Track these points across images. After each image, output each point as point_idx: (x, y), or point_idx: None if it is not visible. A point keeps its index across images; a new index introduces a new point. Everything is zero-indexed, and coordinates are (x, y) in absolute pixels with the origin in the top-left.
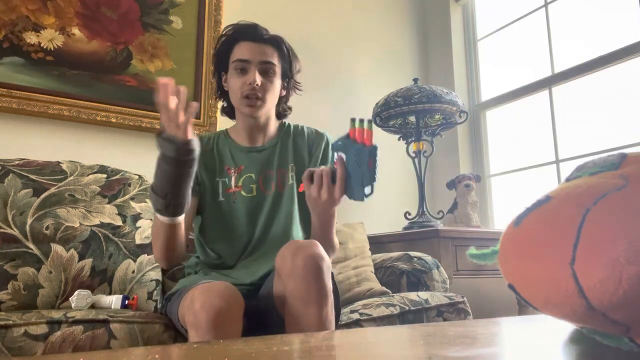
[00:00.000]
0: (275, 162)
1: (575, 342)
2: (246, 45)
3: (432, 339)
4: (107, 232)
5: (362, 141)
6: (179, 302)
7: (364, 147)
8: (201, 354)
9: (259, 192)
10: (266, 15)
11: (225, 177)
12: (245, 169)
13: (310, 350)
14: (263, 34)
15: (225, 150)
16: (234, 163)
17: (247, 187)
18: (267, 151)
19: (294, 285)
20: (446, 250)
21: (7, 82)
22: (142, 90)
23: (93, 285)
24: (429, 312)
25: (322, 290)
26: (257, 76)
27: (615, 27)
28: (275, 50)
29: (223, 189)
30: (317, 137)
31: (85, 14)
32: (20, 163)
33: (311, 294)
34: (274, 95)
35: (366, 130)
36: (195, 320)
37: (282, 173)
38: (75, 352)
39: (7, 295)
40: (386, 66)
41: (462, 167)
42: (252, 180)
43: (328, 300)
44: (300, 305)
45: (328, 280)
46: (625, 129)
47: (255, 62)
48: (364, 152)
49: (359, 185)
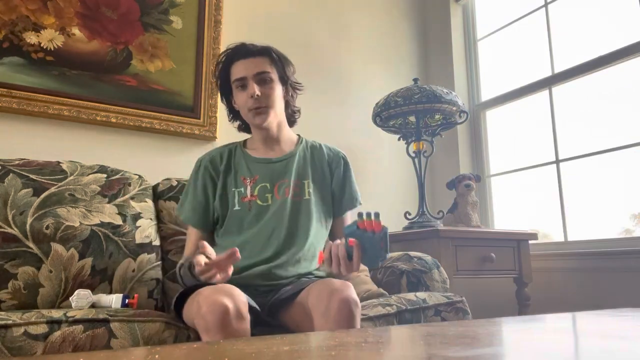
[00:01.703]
0: (291, 172)
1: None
2: (240, 63)
3: (432, 339)
4: (107, 232)
5: (371, 229)
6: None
7: (375, 234)
8: (201, 354)
9: (274, 201)
10: (266, 15)
11: (240, 187)
12: (260, 178)
13: (310, 350)
14: (252, 49)
15: (241, 161)
16: (250, 173)
17: (263, 197)
18: (282, 162)
19: (324, 325)
20: (446, 250)
21: (7, 82)
22: (142, 90)
23: (93, 284)
24: (426, 311)
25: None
26: (255, 88)
27: (615, 27)
28: (267, 59)
29: (239, 198)
30: (336, 157)
31: (85, 14)
32: (20, 163)
33: None
34: (278, 99)
35: (374, 222)
36: (205, 324)
37: (297, 184)
38: (75, 352)
39: (8, 294)
40: (386, 66)
41: (462, 167)
42: (267, 189)
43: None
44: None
45: (358, 324)
46: (625, 129)
47: (251, 75)
48: (376, 238)
49: (373, 261)
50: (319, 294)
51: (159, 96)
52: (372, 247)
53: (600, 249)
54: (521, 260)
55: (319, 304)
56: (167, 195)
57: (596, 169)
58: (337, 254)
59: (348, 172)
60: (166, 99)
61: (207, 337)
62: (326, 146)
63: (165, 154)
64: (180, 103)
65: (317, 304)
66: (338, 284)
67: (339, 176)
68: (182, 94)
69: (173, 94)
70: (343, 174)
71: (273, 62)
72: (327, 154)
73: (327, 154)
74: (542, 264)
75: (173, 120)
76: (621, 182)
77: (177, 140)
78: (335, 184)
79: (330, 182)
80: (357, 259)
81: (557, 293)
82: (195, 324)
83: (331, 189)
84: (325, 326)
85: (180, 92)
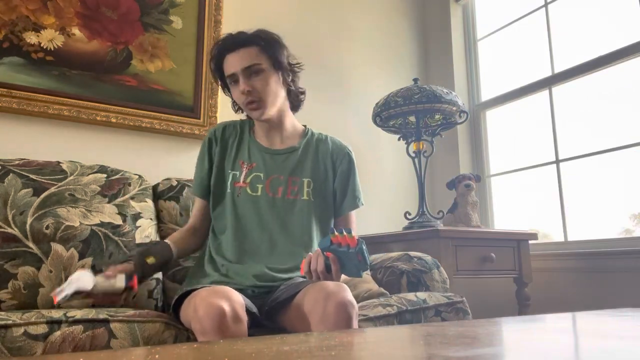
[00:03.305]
0: (288, 168)
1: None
2: (229, 58)
3: (432, 339)
4: (107, 231)
5: (346, 244)
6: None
7: (350, 249)
8: (201, 354)
9: (263, 193)
10: (266, 15)
11: (237, 170)
12: (257, 167)
13: (310, 350)
14: (240, 39)
15: (245, 144)
16: (249, 159)
17: (253, 186)
18: (283, 156)
19: (323, 330)
20: (446, 250)
21: (7, 82)
22: (142, 90)
23: None
24: (427, 311)
25: None
26: (244, 84)
27: (615, 27)
28: (257, 48)
29: (232, 181)
30: (341, 151)
31: (85, 14)
32: (20, 163)
33: None
34: (272, 90)
35: (347, 237)
36: (202, 328)
37: (293, 181)
38: (75, 352)
39: (8, 294)
40: (386, 66)
41: (462, 167)
42: (259, 180)
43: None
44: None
45: (356, 325)
46: (625, 129)
47: (239, 71)
48: (352, 253)
49: (353, 272)
50: (315, 299)
51: (159, 96)
52: (349, 261)
53: (600, 249)
54: (521, 260)
55: (315, 309)
56: (167, 195)
57: (596, 169)
58: (316, 268)
59: (352, 170)
60: (166, 99)
61: (204, 340)
62: (332, 139)
63: (165, 154)
64: (180, 103)
65: (314, 309)
66: (332, 286)
67: (342, 173)
68: (182, 94)
69: (173, 94)
70: (347, 172)
71: (262, 50)
72: (332, 148)
73: (332, 147)
74: (542, 264)
75: (173, 120)
76: (621, 182)
77: (177, 140)
78: (338, 182)
79: (332, 179)
80: (336, 271)
81: (557, 293)
82: (192, 327)
83: (333, 187)
84: (324, 331)
85: (180, 92)
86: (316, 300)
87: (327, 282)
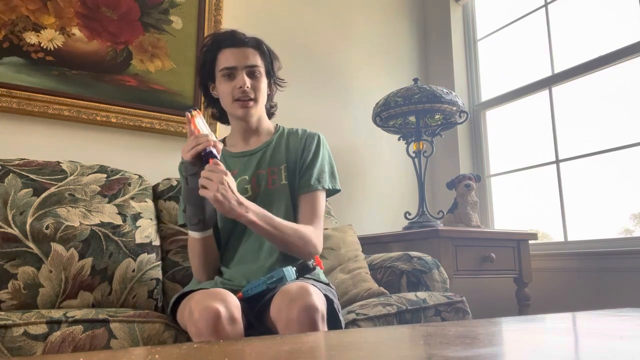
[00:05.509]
0: (266, 161)
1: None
2: (229, 52)
3: (432, 339)
4: (107, 232)
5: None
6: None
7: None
8: (201, 354)
9: (253, 192)
10: (266, 15)
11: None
12: (240, 172)
13: (310, 350)
14: (243, 39)
15: (222, 161)
16: (229, 169)
17: (242, 188)
18: (259, 153)
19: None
20: (446, 250)
21: (7, 82)
22: (142, 90)
23: (93, 284)
24: (426, 311)
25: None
26: (246, 79)
27: (615, 27)
28: (257, 52)
29: None
30: (309, 137)
31: (85, 14)
32: (20, 163)
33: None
34: (264, 94)
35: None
36: (198, 330)
37: (272, 171)
38: (75, 352)
39: (7, 294)
40: (386, 66)
41: (462, 167)
42: (245, 181)
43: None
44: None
45: (323, 327)
46: (625, 129)
47: (242, 66)
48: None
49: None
50: (279, 305)
51: (159, 96)
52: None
53: (600, 249)
54: (521, 260)
55: (280, 316)
56: (167, 195)
57: (596, 169)
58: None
59: (318, 152)
60: (166, 99)
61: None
62: (303, 130)
63: (165, 154)
64: (180, 103)
65: (278, 316)
66: (295, 291)
67: (307, 154)
68: (182, 94)
69: (173, 94)
70: (313, 153)
71: (263, 56)
72: (302, 135)
73: (302, 134)
74: (542, 264)
75: (173, 120)
76: (621, 182)
77: (177, 140)
78: (302, 162)
79: (300, 164)
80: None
81: (557, 293)
82: (188, 329)
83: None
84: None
85: (180, 92)
86: (280, 307)
87: (291, 287)
